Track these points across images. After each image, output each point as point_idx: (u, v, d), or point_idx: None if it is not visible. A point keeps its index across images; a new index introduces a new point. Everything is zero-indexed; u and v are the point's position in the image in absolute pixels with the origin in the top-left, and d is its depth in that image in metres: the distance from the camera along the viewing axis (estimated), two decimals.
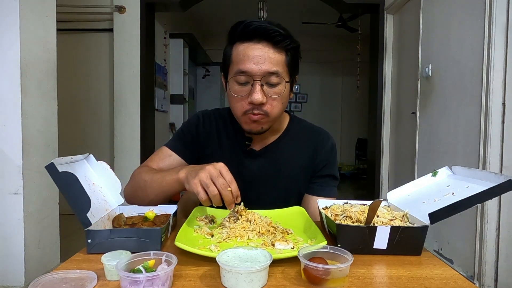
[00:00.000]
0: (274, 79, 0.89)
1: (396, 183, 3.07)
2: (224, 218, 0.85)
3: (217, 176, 0.76)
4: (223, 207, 0.92)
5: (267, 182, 1.03)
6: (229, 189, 0.76)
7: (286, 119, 1.09)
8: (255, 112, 0.90)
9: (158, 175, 0.92)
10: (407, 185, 0.89)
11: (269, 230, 0.77)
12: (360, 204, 0.86)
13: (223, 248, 0.67)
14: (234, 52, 0.92)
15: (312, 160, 1.05)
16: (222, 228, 0.79)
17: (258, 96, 0.88)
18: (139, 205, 0.87)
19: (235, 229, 0.78)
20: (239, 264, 0.56)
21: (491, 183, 0.68)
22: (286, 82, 0.92)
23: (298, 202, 1.05)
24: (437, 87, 2.42)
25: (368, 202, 0.87)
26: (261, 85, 0.89)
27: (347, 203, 0.88)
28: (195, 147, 1.05)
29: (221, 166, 0.79)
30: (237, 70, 0.89)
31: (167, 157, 1.03)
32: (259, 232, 0.76)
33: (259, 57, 0.88)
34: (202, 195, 0.75)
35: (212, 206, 0.87)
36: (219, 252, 0.59)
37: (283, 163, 1.04)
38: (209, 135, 1.06)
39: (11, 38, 1.70)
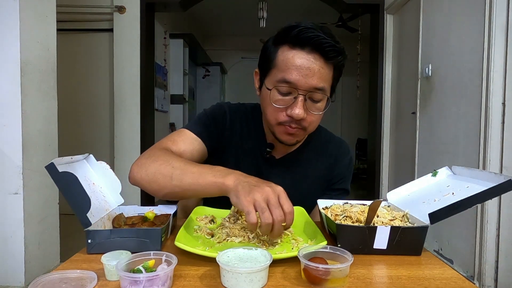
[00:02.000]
0: (318, 96, 0.83)
1: (396, 183, 3.07)
2: (224, 218, 0.85)
3: (275, 203, 0.64)
4: (223, 207, 0.92)
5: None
6: (284, 223, 0.65)
7: None
8: (293, 125, 0.85)
9: (193, 167, 0.77)
10: (407, 185, 0.89)
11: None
12: (360, 204, 0.86)
13: (223, 248, 0.67)
14: (280, 56, 0.83)
15: (329, 173, 1.03)
16: (222, 228, 0.79)
17: (300, 111, 0.81)
18: (149, 192, 0.80)
19: (235, 229, 0.77)
20: (239, 264, 0.56)
21: (491, 183, 0.68)
22: (328, 98, 0.87)
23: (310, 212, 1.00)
24: (437, 87, 2.42)
25: (368, 202, 0.87)
26: (304, 100, 0.82)
27: (347, 203, 0.88)
28: (217, 138, 0.96)
29: (280, 190, 0.67)
30: (282, 79, 0.82)
31: (191, 141, 0.91)
32: (259, 232, 0.76)
33: (309, 69, 0.80)
34: (252, 218, 0.63)
35: (206, 204, 0.84)
36: (219, 252, 0.59)
37: (301, 174, 1.00)
38: (233, 131, 0.98)
39: (11, 38, 1.70)
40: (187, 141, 0.91)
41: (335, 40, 0.82)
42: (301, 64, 0.80)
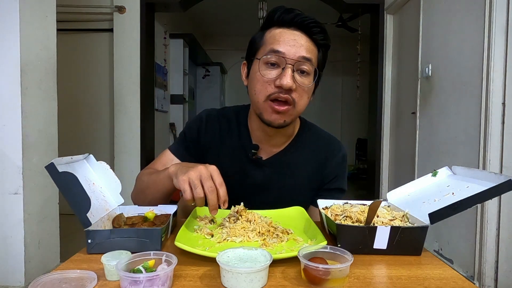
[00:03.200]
0: (306, 67, 0.86)
1: (396, 183, 3.07)
2: (224, 218, 0.85)
3: (207, 177, 0.74)
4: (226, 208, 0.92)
5: (271, 193, 0.99)
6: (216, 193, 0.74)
7: (298, 123, 1.03)
8: (282, 96, 0.85)
9: (154, 174, 0.91)
10: (407, 185, 0.89)
11: (269, 230, 0.77)
12: (360, 204, 0.86)
13: (223, 248, 0.67)
14: (267, 35, 0.88)
15: (320, 172, 1.01)
16: (222, 228, 0.79)
17: (288, 80, 0.82)
18: (147, 206, 0.86)
19: (235, 229, 0.77)
20: (239, 264, 0.56)
21: (491, 183, 0.68)
22: (315, 75, 0.89)
23: None
24: (437, 87, 2.42)
25: (368, 202, 0.87)
26: (293, 71, 0.84)
27: (347, 203, 0.87)
28: (196, 151, 1.01)
29: (213, 168, 0.76)
30: (270, 50, 0.85)
31: (169, 161, 0.99)
32: (259, 232, 0.76)
33: (296, 41, 0.85)
34: (187, 194, 0.73)
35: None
36: (219, 252, 0.59)
37: (290, 174, 0.99)
38: (212, 139, 1.00)
39: (11, 38, 1.70)
40: (164, 161, 1.01)
41: (318, 22, 0.89)
42: (288, 38, 0.86)
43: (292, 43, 0.85)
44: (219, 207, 0.77)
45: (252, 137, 1.00)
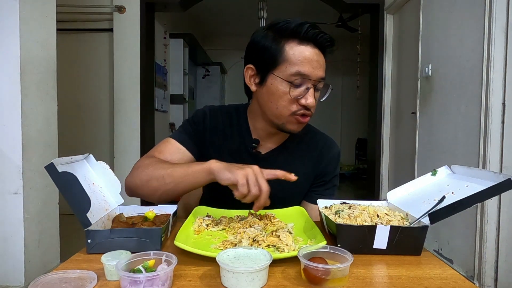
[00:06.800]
0: (322, 85, 0.93)
1: (396, 183, 3.06)
2: (225, 218, 0.85)
3: (262, 177, 0.77)
4: (223, 207, 0.93)
5: (269, 187, 1.01)
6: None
7: None
8: (307, 113, 0.92)
9: (180, 165, 0.88)
10: (407, 185, 0.89)
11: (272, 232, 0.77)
12: (360, 204, 0.86)
13: (223, 248, 0.67)
14: (289, 51, 0.89)
15: (315, 168, 1.04)
16: (223, 229, 0.79)
17: (313, 100, 0.90)
18: (148, 196, 0.86)
19: (236, 230, 0.77)
20: (239, 264, 0.56)
21: (490, 182, 0.68)
22: (327, 84, 0.96)
23: None
24: (437, 87, 2.42)
25: (368, 202, 0.87)
26: (314, 90, 0.91)
27: (345, 202, 0.88)
28: (201, 142, 1.02)
29: (260, 170, 0.78)
30: (296, 72, 0.88)
31: (176, 151, 0.98)
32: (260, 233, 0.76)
33: (318, 62, 0.90)
34: (245, 189, 0.74)
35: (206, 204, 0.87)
36: (219, 252, 0.59)
37: (288, 169, 0.98)
38: (215, 132, 1.03)
39: (11, 38, 1.70)
40: (172, 150, 0.98)
41: (329, 36, 0.93)
42: (311, 58, 0.89)
43: (315, 65, 0.89)
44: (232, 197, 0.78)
45: (252, 134, 1.02)
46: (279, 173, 0.80)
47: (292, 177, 0.80)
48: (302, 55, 0.88)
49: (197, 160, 1.01)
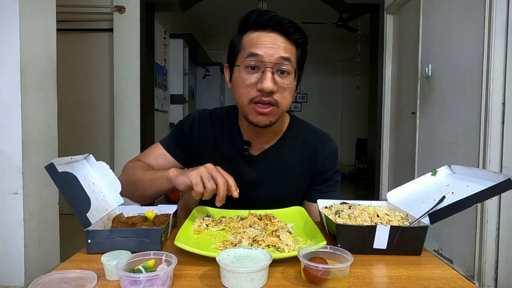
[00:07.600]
0: (286, 67, 0.87)
1: (396, 183, 3.07)
2: (225, 218, 0.85)
3: (216, 171, 0.78)
4: (223, 207, 0.93)
5: (265, 188, 1.00)
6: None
7: (287, 120, 1.05)
8: (264, 99, 0.86)
9: (150, 172, 0.93)
10: (407, 184, 0.89)
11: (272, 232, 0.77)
12: (359, 204, 0.86)
13: (223, 248, 0.67)
14: (245, 39, 0.90)
15: (312, 165, 1.02)
16: (223, 229, 0.79)
17: (268, 83, 0.84)
18: (128, 198, 0.89)
19: (236, 230, 0.77)
20: (239, 264, 0.56)
21: (490, 182, 0.68)
22: (295, 74, 0.90)
23: None
24: (437, 87, 2.42)
25: (368, 202, 0.87)
26: (272, 73, 0.85)
27: (345, 202, 0.88)
28: (188, 148, 1.03)
29: (213, 166, 0.80)
30: (249, 53, 0.86)
31: (161, 156, 1.02)
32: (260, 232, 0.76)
33: (273, 43, 0.86)
34: (199, 187, 0.76)
35: (205, 203, 0.89)
36: (219, 252, 0.59)
37: (282, 169, 1.00)
38: (205, 137, 1.02)
39: (11, 38, 1.70)
40: (157, 154, 1.03)
41: (292, 20, 0.90)
42: (265, 40, 0.87)
43: (270, 45, 0.86)
44: (231, 197, 0.79)
45: (243, 135, 1.01)
46: (231, 181, 0.79)
47: (235, 194, 0.79)
48: (256, 39, 0.87)
49: (185, 165, 1.04)
